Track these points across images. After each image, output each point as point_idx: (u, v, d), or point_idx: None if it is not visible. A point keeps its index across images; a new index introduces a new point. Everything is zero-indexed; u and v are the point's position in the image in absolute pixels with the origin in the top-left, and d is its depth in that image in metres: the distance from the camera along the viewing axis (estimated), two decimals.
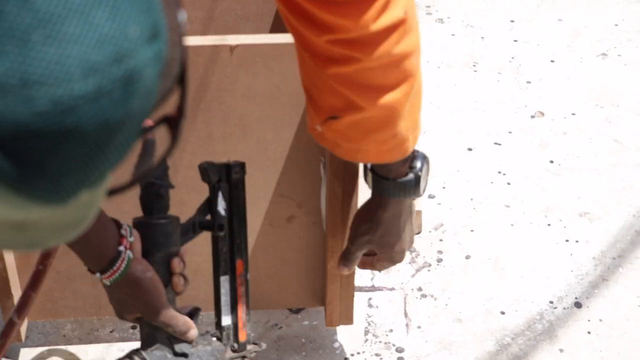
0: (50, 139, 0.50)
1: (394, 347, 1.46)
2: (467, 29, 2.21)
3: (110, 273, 1.01)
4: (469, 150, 1.86)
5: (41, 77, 0.49)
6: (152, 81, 0.54)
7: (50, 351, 1.43)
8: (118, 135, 0.53)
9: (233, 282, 1.12)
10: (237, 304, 1.13)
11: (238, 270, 1.12)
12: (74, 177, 0.52)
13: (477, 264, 1.61)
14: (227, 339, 1.15)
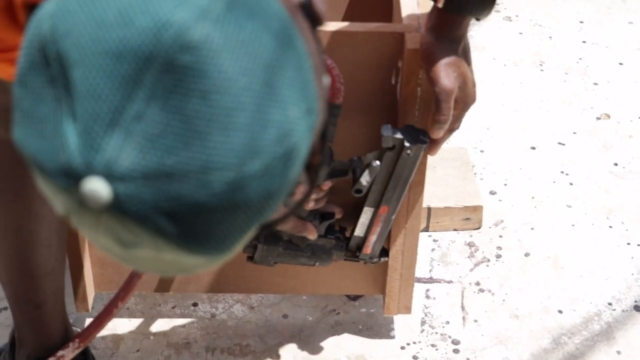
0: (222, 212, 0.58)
1: (450, 339, 1.47)
2: (535, 27, 2.20)
3: None
4: (533, 148, 1.86)
5: (217, 164, 0.56)
6: (306, 150, 0.61)
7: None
8: (276, 200, 0.60)
9: (374, 216, 1.24)
10: (371, 228, 1.26)
11: (381, 212, 1.24)
12: (236, 236, 0.60)
13: (536, 262, 1.61)
14: (355, 245, 1.29)
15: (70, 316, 1.46)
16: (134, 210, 0.56)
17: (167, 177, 0.55)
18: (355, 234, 1.28)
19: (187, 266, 0.61)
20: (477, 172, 1.80)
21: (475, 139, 1.88)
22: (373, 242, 1.29)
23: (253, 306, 1.51)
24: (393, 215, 1.25)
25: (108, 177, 0.55)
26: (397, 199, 1.24)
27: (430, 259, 1.62)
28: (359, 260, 1.31)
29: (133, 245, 0.58)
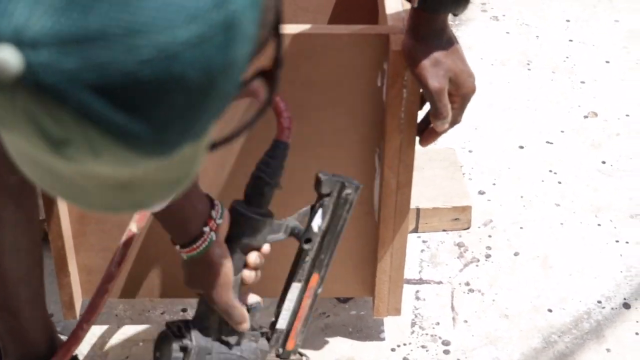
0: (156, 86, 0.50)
1: (440, 340, 1.47)
2: (522, 27, 2.21)
3: (190, 249, 1.03)
4: (521, 148, 1.86)
5: (144, 25, 0.49)
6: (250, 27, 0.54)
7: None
8: (220, 83, 0.53)
9: (303, 292, 1.15)
10: (297, 314, 1.16)
11: (311, 283, 1.15)
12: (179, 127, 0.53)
13: (525, 261, 1.61)
14: (275, 341, 1.18)
15: (58, 324, 1.45)
16: (50, 83, 0.48)
17: (87, 42, 0.48)
18: (277, 327, 1.17)
19: (134, 186, 0.55)
20: (466, 172, 1.80)
21: (464, 139, 1.88)
22: (299, 330, 1.18)
23: None
24: (320, 288, 1.17)
25: (18, 44, 0.48)
26: (327, 263, 1.16)
27: (419, 259, 1.62)
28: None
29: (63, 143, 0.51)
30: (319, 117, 1.26)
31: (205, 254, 1.04)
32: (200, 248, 1.03)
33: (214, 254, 1.04)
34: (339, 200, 1.13)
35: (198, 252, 1.03)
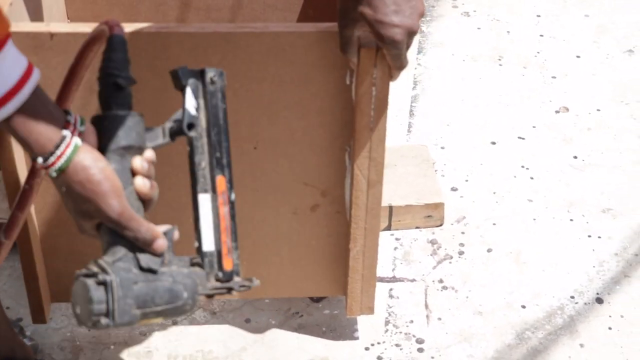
0: None
1: (414, 338, 1.46)
2: (493, 22, 2.21)
3: (55, 160, 0.89)
4: (493, 144, 1.86)
5: None
6: None
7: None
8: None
9: (215, 201, 0.99)
10: (220, 228, 0.99)
11: (219, 188, 0.99)
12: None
13: (498, 257, 1.61)
14: (209, 266, 0.99)
15: (28, 328, 1.43)
16: None
17: None
18: (205, 250, 0.99)
19: None
20: (438, 169, 1.79)
21: (436, 135, 1.88)
22: (230, 246, 1.00)
23: (215, 312, 1.50)
24: (232, 194, 1.00)
25: None
26: (228, 162, 1.00)
27: (393, 257, 1.61)
28: (226, 288, 1.00)
29: None
30: (288, 115, 1.25)
31: (75, 162, 0.89)
32: (67, 154, 0.89)
33: (85, 158, 0.90)
34: (206, 88, 0.99)
35: (65, 159, 0.89)
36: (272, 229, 1.35)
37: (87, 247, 1.35)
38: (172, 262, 0.97)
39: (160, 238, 0.94)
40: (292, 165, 1.29)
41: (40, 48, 1.16)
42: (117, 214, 0.91)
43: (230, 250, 1.00)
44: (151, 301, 0.93)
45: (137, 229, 0.92)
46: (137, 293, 0.92)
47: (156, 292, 0.94)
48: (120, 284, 0.91)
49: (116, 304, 0.90)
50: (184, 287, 0.95)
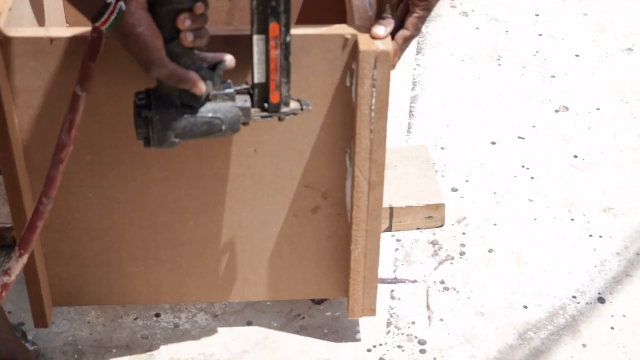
0: None
1: (416, 340, 1.46)
2: (492, 22, 2.20)
3: (102, 22, 1.03)
4: (493, 144, 1.86)
5: None
6: None
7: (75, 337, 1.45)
8: None
9: (266, 43, 1.10)
10: (269, 66, 1.11)
11: (272, 33, 1.09)
12: None
13: (499, 258, 1.61)
14: (258, 97, 1.14)
15: (30, 332, 1.43)
16: None
17: None
18: (256, 82, 1.13)
19: None
20: (438, 169, 1.79)
21: (435, 136, 1.88)
22: (278, 82, 1.13)
23: (217, 314, 1.49)
24: (288, 37, 1.10)
25: None
26: (285, 9, 1.09)
27: (394, 258, 1.61)
28: (272, 116, 1.15)
29: None
30: (289, 118, 1.24)
31: (119, 26, 1.03)
32: (111, 19, 1.02)
33: (126, 24, 1.03)
34: None
35: (110, 23, 1.03)
36: (273, 231, 1.35)
37: (88, 251, 1.35)
38: (217, 97, 1.11)
39: (197, 86, 1.07)
40: (292, 167, 1.29)
41: (41, 53, 1.16)
42: (154, 70, 1.05)
43: (279, 87, 1.13)
44: (189, 132, 1.11)
45: (174, 79, 1.06)
46: (176, 126, 1.10)
47: (194, 125, 1.10)
48: (159, 120, 1.09)
49: (155, 135, 1.10)
50: (222, 120, 1.11)
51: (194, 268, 1.38)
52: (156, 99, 1.10)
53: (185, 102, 1.10)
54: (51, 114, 1.21)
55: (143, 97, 1.11)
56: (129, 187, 1.29)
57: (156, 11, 1.05)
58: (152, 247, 1.35)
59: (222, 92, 1.11)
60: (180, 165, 1.28)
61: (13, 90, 1.18)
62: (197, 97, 1.10)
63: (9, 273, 1.14)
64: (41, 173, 1.26)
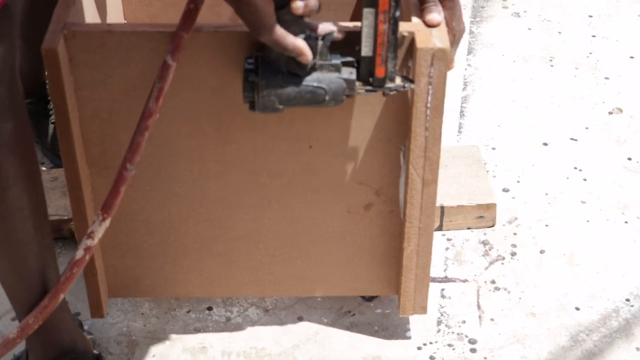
0: None
1: (467, 339, 1.46)
2: (544, 23, 2.19)
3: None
4: (545, 145, 1.85)
5: None
6: None
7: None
8: None
9: (375, 16, 1.11)
10: (377, 39, 1.12)
11: (381, 7, 1.10)
12: None
13: (551, 259, 1.60)
14: (364, 70, 1.14)
15: (85, 323, 1.46)
16: None
17: None
18: (362, 55, 1.14)
19: None
20: (489, 169, 1.79)
21: (487, 136, 1.87)
22: (384, 57, 1.13)
23: (268, 309, 1.51)
24: (398, 12, 1.11)
25: None
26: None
27: (444, 258, 1.61)
28: (376, 90, 1.15)
29: None
30: (344, 114, 1.25)
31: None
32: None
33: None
34: None
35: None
36: (326, 227, 1.36)
37: (144, 244, 1.38)
38: (323, 67, 1.12)
39: (304, 54, 1.08)
40: (346, 164, 1.30)
41: (102, 47, 1.18)
42: (263, 35, 1.06)
43: (384, 60, 1.13)
44: (293, 100, 1.13)
45: (282, 46, 1.07)
46: (281, 93, 1.12)
47: (299, 94, 1.12)
48: (265, 85, 1.12)
49: (260, 100, 1.12)
50: (326, 91, 1.13)
51: (247, 262, 1.39)
52: (264, 65, 1.12)
53: (291, 70, 1.12)
54: (110, 108, 1.24)
55: (252, 62, 1.14)
56: (186, 181, 1.31)
57: None
58: (207, 240, 1.36)
59: (329, 63, 1.12)
60: (236, 160, 1.29)
61: (75, 83, 1.21)
62: (303, 66, 1.11)
63: (92, 237, 1.14)
64: (100, 166, 1.29)
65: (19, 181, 1.11)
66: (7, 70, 1.06)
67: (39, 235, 1.16)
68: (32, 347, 1.27)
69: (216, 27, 1.18)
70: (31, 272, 1.18)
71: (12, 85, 1.08)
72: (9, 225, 1.13)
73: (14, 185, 1.11)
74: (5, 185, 1.10)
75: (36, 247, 1.17)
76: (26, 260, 1.17)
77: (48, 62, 1.16)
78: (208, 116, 1.24)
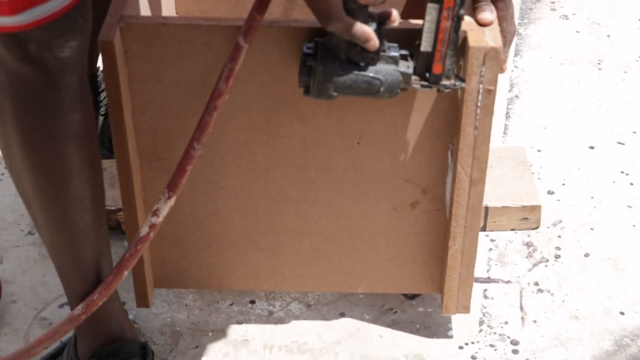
0: None
1: (509, 340, 1.46)
2: (593, 26, 2.17)
3: None
4: (591, 148, 1.84)
5: None
6: None
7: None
8: None
9: (439, 12, 1.11)
10: (438, 36, 1.11)
11: (446, 3, 1.10)
12: None
13: (596, 263, 1.59)
14: (422, 65, 1.14)
15: (130, 312, 1.48)
16: None
17: None
18: (421, 50, 1.13)
19: None
20: (534, 171, 1.78)
21: (532, 138, 1.86)
22: (443, 53, 1.12)
23: (310, 304, 1.52)
24: (462, 10, 1.10)
25: None
26: None
27: (487, 258, 1.60)
28: (431, 86, 1.15)
29: None
30: (393, 112, 1.26)
31: None
32: None
33: None
34: None
35: None
36: (371, 224, 1.36)
37: (190, 236, 1.39)
38: (381, 58, 1.12)
39: (371, 40, 1.07)
40: (394, 161, 1.30)
41: (157, 40, 1.20)
42: (331, 23, 1.05)
43: (443, 58, 1.13)
44: (349, 89, 1.12)
45: (350, 34, 1.06)
46: (337, 80, 1.11)
47: (355, 83, 1.12)
48: (322, 72, 1.11)
49: (316, 85, 1.12)
50: (382, 82, 1.12)
51: (291, 257, 1.40)
52: (323, 51, 1.11)
53: (351, 58, 1.11)
54: (163, 100, 1.25)
55: (311, 46, 1.13)
56: (233, 174, 1.32)
57: None
58: (253, 234, 1.38)
59: (387, 55, 1.12)
60: (284, 155, 1.30)
61: (129, 75, 1.23)
62: (365, 54, 1.10)
63: (157, 214, 1.14)
64: (150, 157, 1.31)
65: (82, 172, 1.13)
66: (79, 63, 1.08)
67: (96, 225, 1.18)
68: (81, 334, 1.29)
69: (269, 22, 1.19)
70: (87, 261, 1.20)
71: (82, 77, 1.10)
72: (70, 214, 1.15)
73: (78, 175, 1.13)
74: (69, 175, 1.13)
75: (94, 236, 1.19)
76: (84, 249, 1.19)
77: (104, 54, 1.18)
78: (258, 110, 1.26)
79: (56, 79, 1.07)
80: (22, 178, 1.16)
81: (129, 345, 1.31)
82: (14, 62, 1.05)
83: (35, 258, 1.59)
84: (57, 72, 1.06)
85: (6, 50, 1.05)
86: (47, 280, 1.54)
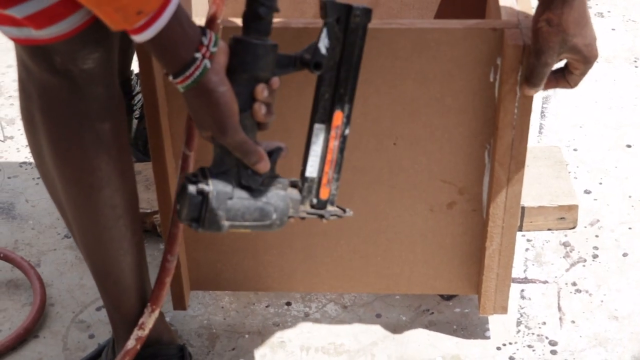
0: None
1: (547, 340, 1.44)
2: (629, 23, 2.15)
3: (183, 78, 0.97)
4: (628, 147, 1.81)
5: None
6: None
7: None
8: None
9: (327, 133, 1.06)
10: (325, 158, 1.06)
11: (335, 122, 1.05)
12: None
13: (634, 262, 1.57)
14: (307, 191, 1.07)
15: (167, 314, 1.48)
16: None
17: None
18: (307, 176, 1.07)
19: None
20: (571, 171, 1.76)
21: (568, 137, 1.84)
22: (331, 176, 1.06)
23: (346, 305, 1.51)
24: (347, 129, 1.05)
25: None
26: (350, 99, 1.05)
27: (524, 258, 1.59)
28: (317, 214, 1.08)
29: None
30: (429, 112, 1.25)
31: (201, 83, 0.97)
32: (194, 75, 0.96)
33: (210, 81, 0.97)
34: (348, 26, 1.02)
35: (192, 80, 0.96)
36: (408, 225, 1.36)
37: (226, 239, 1.39)
38: (271, 182, 1.05)
39: (263, 161, 1.02)
40: (430, 162, 1.30)
41: None
42: (228, 135, 1.00)
43: (330, 181, 1.08)
44: (241, 217, 1.03)
45: (244, 150, 1.01)
46: (230, 207, 1.02)
47: (247, 210, 1.03)
48: (216, 197, 1.00)
49: (208, 213, 1.00)
50: (274, 208, 1.04)
51: (327, 258, 1.40)
52: (212, 176, 1.02)
53: (242, 182, 1.03)
54: None
55: (197, 173, 1.04)
56: None
57: (236, 77, 1.00)
58: (288, 236, 1.38)
59: (276, 180, 1.05)
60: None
61: (165, 78, 1.23)
62: (257, 177, 1.03)
63: (143, 327, 1.23)
64: None
65: (113, 181, 1.14)
66: (107, 72, 1.09)
67: (129, 233, 1.19)
68: (118, 336, 1.30)
69: (305, 23, 1.19)
70: (121, 267, 1.21)
71: (110, 86, 1.10)
72: (102, 222, 1.16)
73: (108, 184, 1.14)
74: (99, 184, 1.13)
75: (127, 244, 1.20)
76: (117, 256, 1.20)
77: (140, 57, 1.18)
78: (293, 112, 1.25)
79: (82, 89, 1.07)
80: (55, 186, 1.18)
81: (167, 347, 1.31)
82: (40, 73, 1.06)
83: (72, 261, 1.60)
84: (83, 83, 1.07)
85: (33, 62, 1.06)
86: (85, 282, 1.55)
